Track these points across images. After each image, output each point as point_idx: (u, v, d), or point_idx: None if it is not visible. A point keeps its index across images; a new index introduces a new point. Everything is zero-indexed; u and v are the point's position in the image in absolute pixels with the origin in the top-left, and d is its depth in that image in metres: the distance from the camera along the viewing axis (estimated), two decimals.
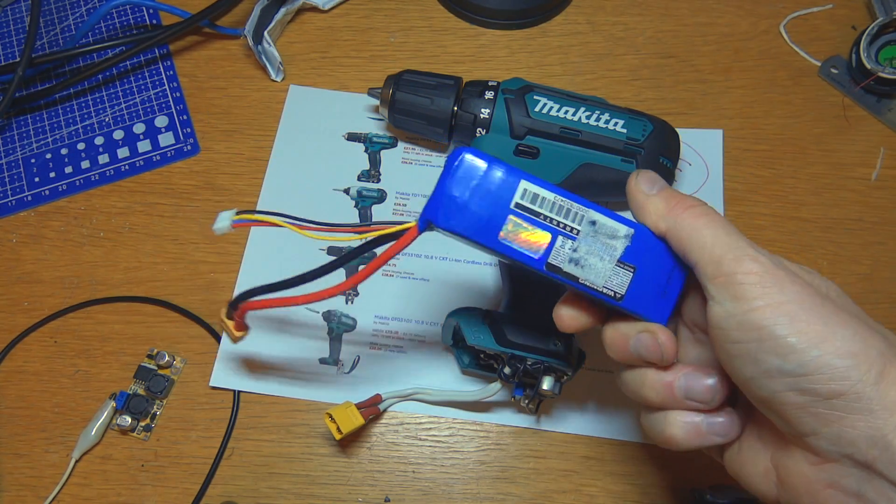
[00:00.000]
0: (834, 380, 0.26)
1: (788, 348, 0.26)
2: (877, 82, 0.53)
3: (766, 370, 0.27)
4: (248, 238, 0.52)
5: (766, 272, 0.27)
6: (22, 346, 0.49)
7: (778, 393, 0.27)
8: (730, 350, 0.28)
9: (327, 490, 0.45)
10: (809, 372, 0.26)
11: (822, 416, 0.26)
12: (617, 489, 0.44)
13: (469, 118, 0.48)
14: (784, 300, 0.27)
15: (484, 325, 0.41)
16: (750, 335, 0.27)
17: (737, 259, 0.28)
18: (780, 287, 0.27)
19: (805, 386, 0.26)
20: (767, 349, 0.27)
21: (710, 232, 0.29)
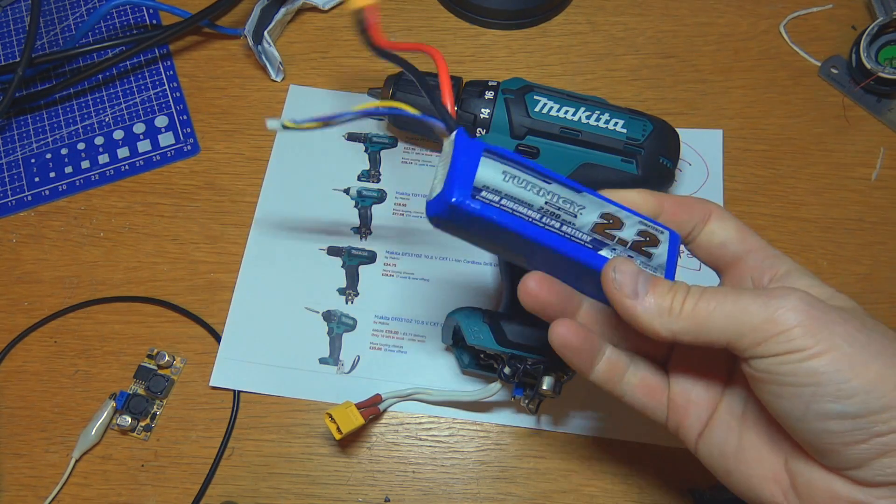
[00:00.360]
0: (894, 418, 0.25)
1: (851, 392, 0.25)
2: (877, 82, 0.53)
3: (824, 413, 0.26)
4: (248, 238, 0.52)
5: (807, 318, 0.26)
6: (22, 346, 0.49)
7: (832, 433, 0.26)
8: (778, 391, 0.27)
9: (327, 490, 0.45)
10: (873, 412, 0.25)
11: (877, 450, 0.26)
12: (617, 489, 0.44)
13: (469, 118, 0.48)
14: (835, 344, 0.25)
15: (484, 325, 0.41)
16: (805, 381, 0.26)
17: (770, 322, 0.26)
18: (830, 329, 0.26)
19: (864, 425, 0.25)
20: (827, 394, 0.26)
21: (722, 315, 0.27)
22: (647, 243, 0.31)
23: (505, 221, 0.29)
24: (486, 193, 0.29)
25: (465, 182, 0.29)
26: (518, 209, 0.29)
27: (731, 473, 0.31)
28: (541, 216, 0.30)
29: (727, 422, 0.31)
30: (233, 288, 0.50)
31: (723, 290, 0.28)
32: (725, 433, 0.31)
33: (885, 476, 0.26)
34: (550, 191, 0.30)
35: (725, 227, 0.32)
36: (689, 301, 0.28)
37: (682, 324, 0.28)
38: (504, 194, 0.29)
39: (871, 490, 0.26)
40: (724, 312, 0.27)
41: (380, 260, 0.51)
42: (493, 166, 0.29)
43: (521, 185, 0.29)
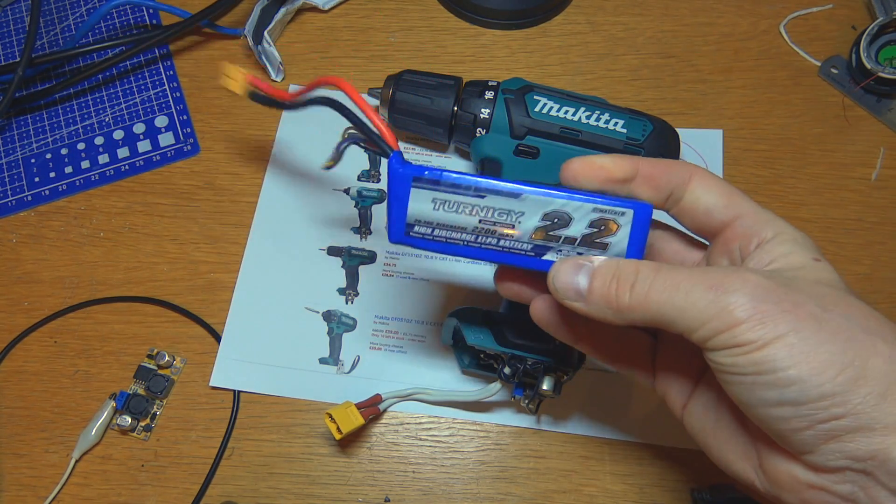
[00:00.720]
0: (835, 405, 0.25)
1: (788, 380, 0.26)
2: (877, 82, 0.53)
3: (765, 400, 0.26)
4: (247, 238, 0.52)
5: (754, 312, 0.26)
6: (22, 346, 0.49)
7: (777, 419, 0.27)
8: (725, 378, 0.28)
9: (327, 490, 0.45)
10: (811, 400, 0.25)
11: (822, 436, 0.26)
12: (617, 489, 0.44)
13: (469, 118, 0.48)
14: (779, 334, 0.26)
15: (484, 325, 0.41)
16: (747, 370, 0.26)
17: (717, 316, 0.26)
18: (774, 322, 0.26)
19: (805, 413, 0.26)
20: (766, 382, 0.26)
21: (670, 304, 0.27)
22: (600, 234, 0.30)
23: (442, 249, 0.31)
24: (419, 228, 0.31)
25: (399, 220, 0.31)
26: (451, 236, 0.31)
27: (710, 449, 0.32)
28: (475, 237, 0.30)
29: (705, 401, 0.32)
30: (233, 288, 0.50)
31: (675, 279, 0.27)
32: (704, 411, 0.32)
33: (835, 461, 0.26)
34: (485, 206, 0.30)
35: (709, 191, 0.31)
36: (639, 288, 0.28)
37: (633, 314, 0.28)
38: (435, 224, 0.30)
39: (827, 475, 0.27)
40: (674, 306, 0.27)
41: (380, 260, 0.51)
42: (422, 196, 0.30)
43: (452, 209, 0.30)
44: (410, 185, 0.30)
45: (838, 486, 0.26)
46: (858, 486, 0.26)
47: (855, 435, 0.25)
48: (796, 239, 0.30)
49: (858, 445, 0.25)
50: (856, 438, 0.25)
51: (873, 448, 0.25)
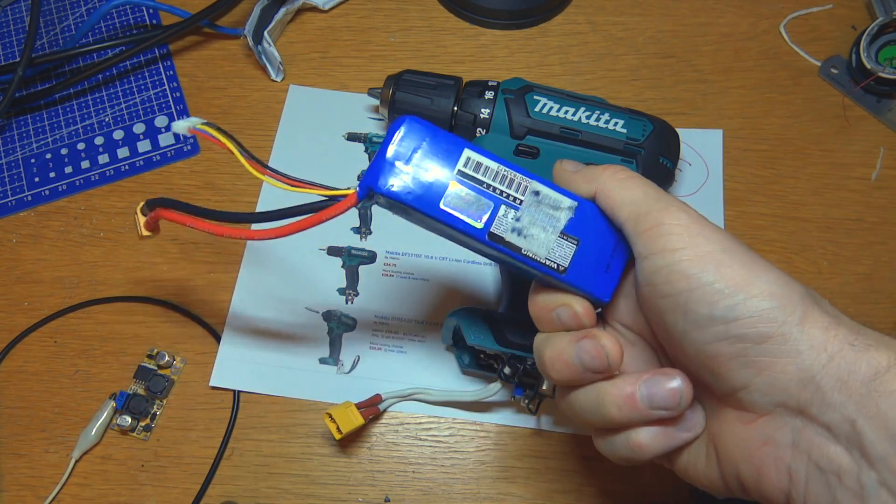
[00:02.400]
0: (762, 322, 0.26)
1: (717, 294, 0.26)
2: (877, 82, 0.53)
3: (697, 320, 0.27)
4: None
5: (691, 222, 0.28)
6: (22, 346, 0.49)
7: (710, 344, 0.27)
8: (660, 305, 0.28)
9: (327, 490, 0.45)
10: (738, 317, 0.26)
11: (754, 363, 0.26)
12: (616, 489, 0.44)
13: (469, 118, 0.48)
14: (710, 249, 0.27)
15: (484, 325, 0.41)
16: (679, 286, 0.27)
17: (662, 210, 0.28)
18: (706, 236, 0.27)
19: (735, 332, 0.26)
20: (696, 298, 0.27)
21: (636, 189, 0.30)
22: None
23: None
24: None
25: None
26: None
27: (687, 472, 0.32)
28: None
29: None
30: (233, 288, 0.50)
31: (644, 180, 0.31)
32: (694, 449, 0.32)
33: (771, 397, 0.26)
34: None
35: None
36: (621, 173, 0.31)
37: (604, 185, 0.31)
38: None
39: (765, 422, 0.27)
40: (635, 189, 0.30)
41: (380, 260, 0.51)
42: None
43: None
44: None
45: (778, 433, 0.27)
46: (796, 429, 0.26)
47: (784, 361, 0.26)
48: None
49: (788, 375, 0.26)
50: (785, 367, 0.26)
51: (802, 375, 0.26)
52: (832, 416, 0.25)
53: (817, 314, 0.26)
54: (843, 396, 0.25)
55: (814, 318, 0.26)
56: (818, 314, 0.26)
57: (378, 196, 0.31)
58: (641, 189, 0.30)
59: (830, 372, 0.25)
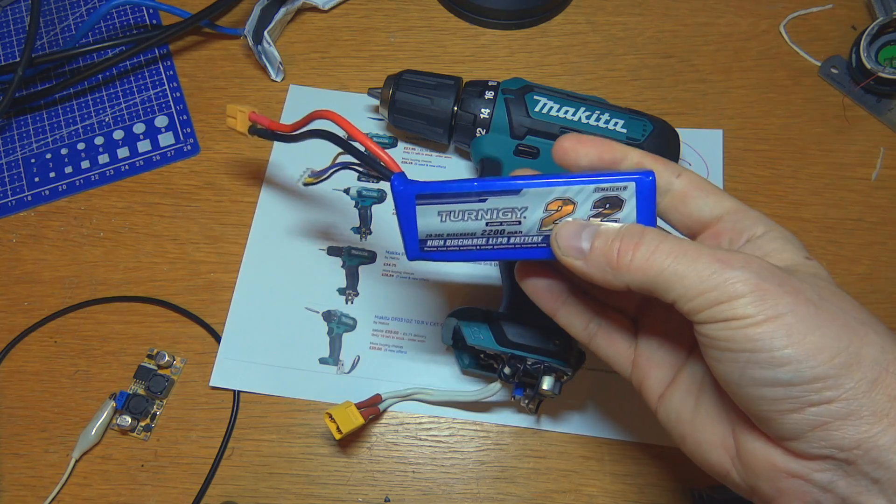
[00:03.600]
0: (827, 388, 0.25)
1: (784, 360, 0.25)
2: (877, 82, 0.53)
3: (756, 379, 0.26)
4: (248, 238, 0.52)
5: (755, 289, 0.26)
6: (22, 346, 0.49)
7: (767, 400, 0.26)
8: (716, 355, 0.27)
9: (327, 490, 0.45)
10: (805, 381, 0.25)
11: (810, 421, 0.26)
12: (616, 489, 0.44)
13: (469, 118, 0.48)
14: (777, 313, 0.26)
15: (484, 325, 0.41)
16: (742, 346, 0.26)
17: (719, 288, 0.26)
18: (775, 302, 0.26)
19: (797, 394, 0.26)
20: (760, 361, 0.26)
21: (673, 270, 0.27)
22: (607, 212, 0.30)
23: (458, 257, 0.32)
24: (431, 242, 0.32)
25: (412, 238, 0.32)
26: (463, 243, 0.32)
27: (685, 438, 0.31)
28: (486, 240, 0.31)
29: (687, 387, 0.31)
30: (233, 288, 0.50)
31: (682, 247, 0.27)
32: (684, 398, 0.31)
33: (819, 449, 0.26)
34: (488, 208, 0.31)
35: (699, 189, 0.31)
36: (643, 249, 0.28)
37: (632, 276, 0.28)
38: (446, 235, 0.32)
39: (807, 462, 0.27)
40: (676, 273, 0.27)
41: (380, 260, 0.51)
42: (428, 212, 0.31)
43: (458, 217, 0.31)
44: (415, 203, 0.31)
45: (817, 474, 0.26)
46: (838, 474, 0.26)
47: (844, 422, 0.25)
48: (787, 237, 0.30)
49: (846, 434, 0.25)
50: (844, 426, 0.25)
51: (860, 436, 0.25)
52: (883, 474, 0.25)
53: (889, 381, 0.25)
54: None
55: (883, 385, 0.25)
56: (889, 381, 0.26)
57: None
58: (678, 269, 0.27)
59: (890, 434, 0.25)
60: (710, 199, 0.31)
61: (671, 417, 0.32)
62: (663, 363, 0.32)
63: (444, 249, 0.32)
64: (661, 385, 0.32)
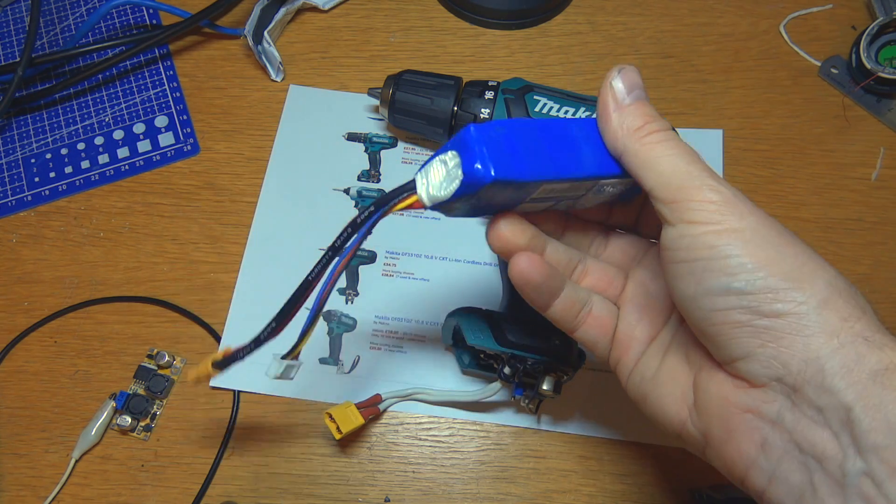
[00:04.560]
0: (778, 300, 0.26)
1: (738, 268, 0.26)
2: (877, 82, 0.53)
3: (710, 288, 0.27)
4: (248, 238, 0.52)
5: (725, 202, 0.27)
6: (22, 346, 0.49)
7: (718, 311, 0.27)
8: (676, 270, 0.28)
9: (327, 490, 0.45)
10: (756, 290, 0.26)
11: (761, 335, 0.26)
12: (616, 489, 0.44)
13: (469, 118, 0.48)
14: (740, 227, 0.27)
15: (484, 325, 0.41)
16: (700, 254, 0.27)
17: (696, 188, 0.28)
18: (740, 215, 0.27)
19: (748, 304, 0.26)
20: (716, 268, 0.27)
21: (670, 160, 0.28)
22: None
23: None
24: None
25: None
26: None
27: (647, 397, 0.32)
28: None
29: (654, 352, 0.33)
30: (233, 288, 0.50)
31: (682, 147, 0.29)
32: (650, 360, 0.32)
33: (767, 369, 0.26)
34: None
35: None
36: (655, 136, 0.29)
37: (634, 147, 0.29)
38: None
39: (755, 391, 0.27)
40: (671, 164, 0.28)
41: (380, 260, 0.51)
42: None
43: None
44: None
45: (765, 405, 0.27)
46: (785, 405, 0.26)
47: (793, 338, 0.26)
48: None
49: (794, 352, 0.26)
50: (793, 343, 0.26)
51: (808, 356, 0.25)
52: (828, 401, 0.25)
53: (840, 303, 0.26)
54: (845, 383, 0.25)
55: (834, 306, 0.26)
56: (841, 303, 0.26)
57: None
58: (672, 161, 0.28)
59: (838, 357, 0.25)
60: None
61: (636, 382, 0.33)
62: (641, 338, 0.33)
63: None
64: (635, 360, 0.33)
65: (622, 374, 0.33)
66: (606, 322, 0.34)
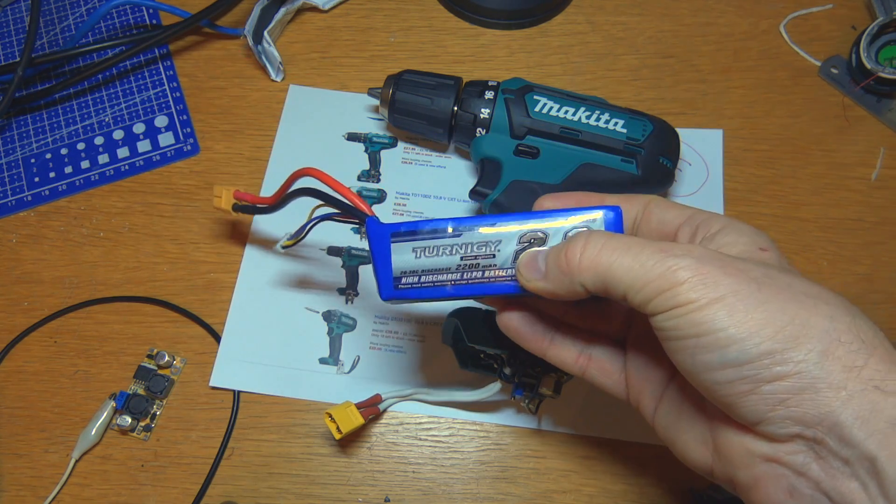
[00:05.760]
0: (776, 363, 0.25)
1: (728, 340, 0.26)
2: (877, 82, 0.53)
3: (707, 364, 0.26)
4: (248, 238, 0.52)
5: (695, 275, 0.26)
6: (22, 346, 0.49)
7: (722, 384, 0.26)
8: (670, 346, 0.28)
9: (327, 490, 0.45)
10: (751, 359, 0.25)
11: (769, 399, 0.26)
12: (616, 489, 0.44)
13: (469, 118, 0.48)
14: (718, 295, 0.26)
15: (484, 325, 0.41)
16: (689, 333, 0.26)
17: (663, 275, 0.27)
18: (715, 283, 0.26)
19: (748, 373, 0.26)
20: (706, 344, 0.26)
21: (622, 262, 0.28)
22: None
23: (431, 294, 0.32)
24: (406, 279, 0.32)
25: (386, 277, 0.32)
26: (438, 279, 0.32)
27: (674, 443, 0.32)
28: (461, 274, 0.32)
29: (672, 396, 0.32)
30: (233, 288, 0.50)
31: (626, 242, 0.28)
32: (670, 407, 0.32)
33: (786, 428, 0.26)
34: (462, 243, 0.32)
35: (661, 207, 0.33)
36: (590, 249, 0.29)
37: (584, 276, 0.29)
38: (421, 272, 0.32)
39: (779, 445, 0.26)
40: (622, 266, 0.28)
41: None
42: (403, 249, 0.32)
43: (433, 253, 0.32)
44: (390, 241, 0.32)
45: (791, 456, 0.26)
46: (811, 456, 0.26)
47: (801, 397, 0.25)
48: (742, 230, 0.31)
49: (806, 409, 0.25)
50: (802, 401, 0.25)
51: (821, 411, 0.25)
52: (851, 452, 0.25)
53: (841, 351, 0.25)
54: (864, 434, 0.24)
55: (835, 355, 0.25)
56: (842, 351, 0.25)
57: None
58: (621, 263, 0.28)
59: (850, 409, 0.25)
60: (671, 212, 0.33)
61: (663, 425, 0.32)
62: (653, 380, 0.33)
63: (419, 286, 0.32)
64: (654, 401, 0.33)
65: (646, 415, 0.33)
66: (610, 367, 0.34)
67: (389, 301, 0.33)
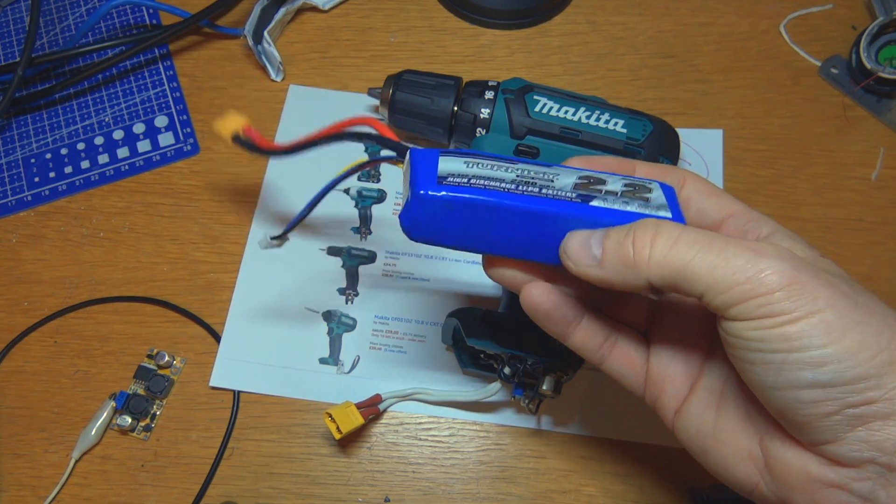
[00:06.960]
0: (870, 388, 0.24)
1: (823, 360, 0.24)
2: (877, 82, 0.53)
3: (793, 382, 0.24)
4: (248, 238, 0.52)
5: (791, 283, 0.24)
6: (22, 346, 0.49)
7: (806, 403, 0.25)
8: (748, 357, 0.26)
9: (327, 490, 0.45)
10: (846, 382, 0.24)
11: (850, 422, 0.24)
12: (616, 489, 0.44)
13: (469, 118, 0.48)
14: (817, 309, 0.24)
15: (484, 325, 0.41)
16: (777, 347, 0.24)
17: (753, 279, 0.24)
18: (813, 296, 0.24)
19: (837, 395, 0.24)
20: (796, 360, 0.24)
21: (704, 259, 0.25)
22: (639, 190, 0.29)
23: (480, 196, 0.28)
24: (453, 178, 0.28)
25: (428, 176, 0.28)
26: (490, 184, 0.28)
27: (707, 453, 0.30)
28: (516, 185, 0.28)
29: (705, 399, 0.30)
30: (233, 288, 0.50)
31: (706, 236, 0.25)
32: (703, 410, 0.30)
33: (858, 452, 0.25)
34: (519, 167, 0.29)
35: (701, 193, 0.31)
36: (661, 243, 0.26)
37: (653, 272, 0.26)
38: (471, 176, 0.29)
39: (845, 470, 0.25)
40: (705, 264, 0.25)
41: (380, 260, 0.51)
42: (453, 160, 0.29)
43: (487, 167, 0.29)
44: (439, 154, 0.29)
45: (857, 483, 0.25)
46: (879, 483, 0.25)
47: (885, 422, 0.24)
48: (794, 236, 0.29)
49: (888, 434, 0.24)
50: (886, 426, 0.24)
51: None
52: None
53: None
54: None
55: None
56: None
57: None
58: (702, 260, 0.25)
59: None
60: (711, 200, 0.31)
61: (691, 432, 0.30)
62: (677, 375, 0.31)
63: (468, 185, 0.28)
64: (677, 399, 0.31)
65: (664, 414, 0.31)
66: (633, 358, 0.32)
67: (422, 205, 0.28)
